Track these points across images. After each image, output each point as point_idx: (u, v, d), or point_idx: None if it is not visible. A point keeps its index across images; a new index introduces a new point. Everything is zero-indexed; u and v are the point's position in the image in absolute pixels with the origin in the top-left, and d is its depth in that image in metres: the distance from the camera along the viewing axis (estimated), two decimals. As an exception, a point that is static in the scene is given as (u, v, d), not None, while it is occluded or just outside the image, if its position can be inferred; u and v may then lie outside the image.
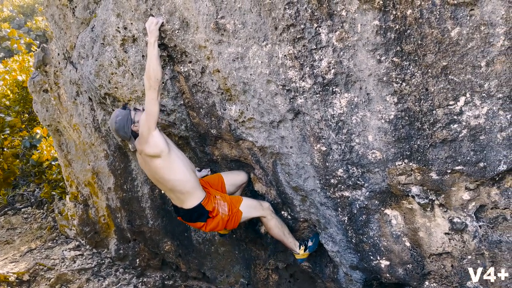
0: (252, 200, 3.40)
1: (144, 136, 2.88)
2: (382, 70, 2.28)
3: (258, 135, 3.03)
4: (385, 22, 2.18)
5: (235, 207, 3.25)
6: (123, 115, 2.94)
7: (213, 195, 3.25)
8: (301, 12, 2.33)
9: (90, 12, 3.75)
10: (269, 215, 3.35)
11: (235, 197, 3.35)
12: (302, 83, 2.52)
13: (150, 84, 2.73)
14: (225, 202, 3.24)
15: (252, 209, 3.32)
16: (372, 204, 2.80)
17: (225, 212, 3.21)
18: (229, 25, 2.59)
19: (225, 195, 3.34)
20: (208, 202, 3.18)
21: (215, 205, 3.19)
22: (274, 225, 3.36)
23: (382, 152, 2.51)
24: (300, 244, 3.47)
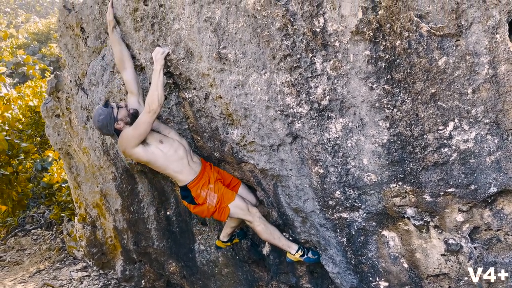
0: (243, 202, 3.38)
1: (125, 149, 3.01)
2: (374, 96, 2.40)
3: (259, 158, 3.15)
4: (375, 52, 2.31)
5: (224, 203, 3.27)
6: (105, 114, 2.97)
7: (206, 182, 3.26)
8: (297, 43, 2.48)
9: (101, 42, 3.95)
10: (256, 221, 3.35)
11: (228, 193, 3.34)
12: (299, 109, 2.64)
13: (152, 108, 2.86)
14: (216, 193, 3.27)
15: (239, 210, 3.33)
16: (369, 225, 2.88)
17: (213, 203, 3.24)
18: (230, 55, 2.75)
19: (221, 187, 3.34)
20: (196, 186, 3.21)
21: (203, 193, 3.22)
22: (261, 230, 3.36)
23: (377, 175, 2.60)
24: (299, 249, 3.44)
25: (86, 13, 3.98)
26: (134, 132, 2.95)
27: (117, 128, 3.03)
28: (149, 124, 2.92)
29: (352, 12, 2.31)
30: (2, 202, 5.69)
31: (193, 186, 3.22)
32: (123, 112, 3.01)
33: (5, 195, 5.46)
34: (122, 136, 3.02)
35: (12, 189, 5.54)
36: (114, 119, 2.99)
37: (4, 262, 6.06)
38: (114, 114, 2.99)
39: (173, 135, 3.24)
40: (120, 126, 3.03)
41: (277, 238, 3.44)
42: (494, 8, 2.02)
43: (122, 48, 3.15)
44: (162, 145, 3.10)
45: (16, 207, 5.73)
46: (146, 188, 4.33)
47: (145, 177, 4.28)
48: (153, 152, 3.06)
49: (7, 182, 5.49)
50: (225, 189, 3.36)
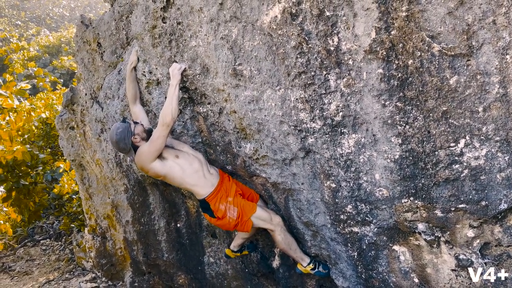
0: (264, 211, 3.41)
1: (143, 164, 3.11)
2: (387, 113, 2.46)
3: (271, 171, 3.21)
4: (388, 70, 2.38)
5: (246, 216, 3.30)
6: (123, 128, 3.09)
7: (225, 196, 3.30)
8: (312, 61, 2.56)
9: (117, 57, 4.07)
10: (278, 230, 3.38)
11: (249, 205, 3.36)
12: (312, 124, 2.71)
13: (166, 121, 2.95)
14: (236, 207, 3.29)
15: (262, 221, 3.37)
16: (380, 240, 2.92)
17: (233, 217, 3.26)
18: (246, 71, 2.83)
19: (241, 200, 3.36)
20: (214, 200, 3.25)
21: (221, 206, 3.25)
22: (281, 240, 3.39)
23: (388, 190, 2.65)
24: (311, 262, 3.47)
25: (103, 28, 4.10)
26: (150, 148, 3.04)
27: (134, 142, 3.13)
28: (164, 138, 3.00)
29: (366, 32, 2.39)
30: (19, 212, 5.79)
31: (212, 199, 3.27)
32: (140, 127, 3.14)
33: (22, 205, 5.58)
34: (139, 152, 3.12)
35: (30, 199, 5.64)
36: (131, 133, 3.10)
37: (14, 272, 6.11)
38: (132, 129, 3.11)
39: (187, 149, 3.33)
40: (137, 140, 3.13)
41: (293, 249, 3.48)
42: (504, 30, 2.10)
43: (136, 87, 3.47)
44: (178, 160, 3.18)
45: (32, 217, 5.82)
46: (157, 200, 4.39)
47: (156, 189, 4.34)
48: (170, 166, 3.15)
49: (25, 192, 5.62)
50: (245, 202, 3.38)
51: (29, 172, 5.66)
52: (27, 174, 5.60)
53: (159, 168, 3.13)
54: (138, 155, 3.13)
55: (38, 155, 5.86)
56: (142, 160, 3.11)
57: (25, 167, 5.53)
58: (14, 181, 5.38)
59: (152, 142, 3.03)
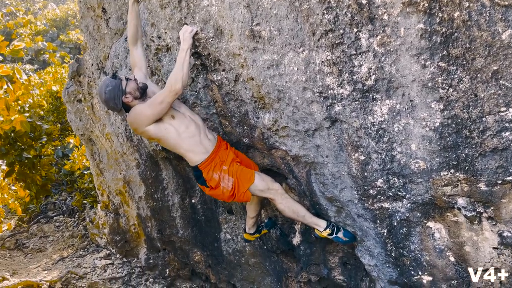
0: (262, 181, 3.10)
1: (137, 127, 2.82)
2: (427, 75, 2.17)
3: (292, 144, 2.96)
4: (430, 25, 2.07)
5: (243, 187, 3.03)
6: (113, 86, 2.74)
7: (219, 164, 3.01)
8: (340, 17, 2.25)
9: (123, 23, 3.79)
10: (279, 198, 3.11)
11: (247, 174, 3.07)
12: (340, 90, 2.43)
13: (175, 88, 2.66)
14: (231, 176, 3.00)
15: (258, 191, 3.10)
16: (413, 216, 2.67)
17: (228, 187, 3.00)
18: (264, 32, 2.54)
19: (238, 168, 3.06)
20: (208, 168, 2.98)
21: (215, 175, 2.98)
22: (283, 208, 3.14)
23: (426, 162, 2.38)
24: (328, 226, 3.18)
25: (108, -8, 3.81)
26: (149, 111, 2.75)
27: (125, 102, 2.81)
28: (168, 105, 2.74)
29: (404, -20, 2.07)
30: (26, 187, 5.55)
31: (205, 167, 2.99)
32: (132, 85, 2.79)
33: (28, 179, 5.32)
34: (134, 113, 2.81)
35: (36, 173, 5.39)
36: (123, 92, 2.76)
37: (28, 249, 6.06)
38: (123, 86, 2.77)
39: (184, 110, 3.01)
40: (129, 100, 2.80)
41: (301, 216, 3.20)
42: None
43: (138, 24, 2.97)
44: (173, 121, 2.87)
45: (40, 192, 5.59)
46: (171, 175, 4.19)
47: (169, 164, 4.14)
48: (165, 129, 2.85)
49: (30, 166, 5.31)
50: (241, 170, 3.08)
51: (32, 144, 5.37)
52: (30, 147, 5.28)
53: (154, 131, 2.84)
54: (133, 116, 2.82)
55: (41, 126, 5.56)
56: (137, 121, 2.81)
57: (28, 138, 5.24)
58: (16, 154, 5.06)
59: (154, 105, 2.73)
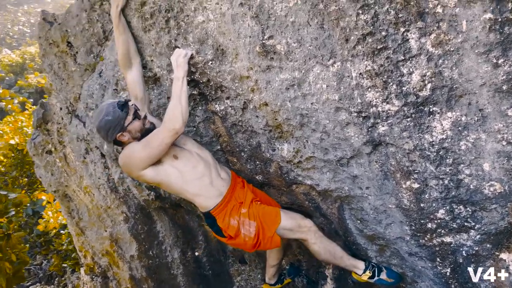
0: (290, 218, 2.57)
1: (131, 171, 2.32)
2: (501, 76, 1.72)
3: (319, 176, 2.44)
4: (500, 13, 1.64)
5: (269, 231, 2.47)
6: (114, 118, 2.23)
7: (237, 206, 2.48)
8: (381, 15, 1.79)
9: (94, 56, 3.24)
10: (312, 237, 2.57)
11: (271, 213, 2.54)
12: (386, 106, 1.95)
13: (175, 127, 2.14)
14: (252, 220, 2.47)
15: (288, 231, 2.55)
16: (483, 249, 2.19)
17: (250, 234, 2.44)
18: (280, 46, 2.06)
19: (259, 207, 2.54)
20: (223, 213, 2.45)
21: (233, 221, 2.44)
22: (318, 249, 2.59)
23: (503, 184, 1.91)
24: (368, 268, 2.64)
25: (72, 24, 3.26)
26: (144, 153, 2.23)
27: (119, 139, 2.29)
28: (167, 146, 2.20)
29: (460, -39, 1.64)
30: (-8, 281, 4.49)
31: (219, 213, 2.44)
32: (137, 125, 2.27)
33: (-5, 270, 4.29)
34: (127, 154, 2.29)
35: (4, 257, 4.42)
36: (121, 128, 2.24)
37: (2, 328, 5.19)
38: (125, 123, 2.24)
39: (190, 146, 2.47)
40: (124, 139, 2.28)
41: (339, 257, 2.65)
42: None
43: (129, 39, 2.43)
44: (176, 162, 2.34)
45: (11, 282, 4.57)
46: (167, 227, 3.59)
47: (164, 214, 3.54)
48: (166, 172, 2.32)
49: None
50: (264, 209, 2.54)
51: (-3, 221, 4.48)
52: (-6, 225, 4.40)
53: (151, 176, 2.31)
54: (125, 157, 2.30)
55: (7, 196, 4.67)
56: (130, 165, 2.28)
57: (-10, 214, 4.33)
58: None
59: (150, 147, 2.21)
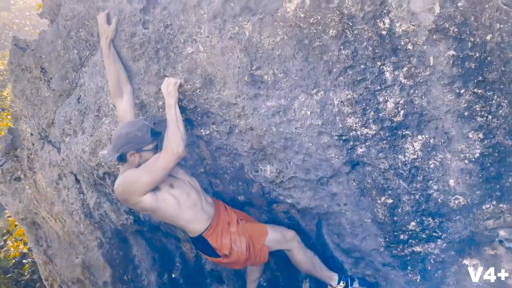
0: (276, 231, 2.77)
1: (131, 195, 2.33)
2: (463, 104, 2.00)
3: (300, 195, 2.62)
4: (461, 51, 1.93)
5: (258, 243, 2.64)
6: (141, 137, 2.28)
7: (226, 227, 2.61)
8: (360, 51, 2.03)
9: (69, 82, 3.26)
10: (297, 247, 2.75)
11: (257, 228, 2.73)
12: (364, 130, 2.18)
13: (178, 152, 2.26)
14: (242, 236, 2.63)
15: (276, 243, 2.72)
16: (448, 256, 2.44)
17: (242, 249, 2.59)
18: (267, 76, 2.24)
19: (245, 225, 2.70)
20: (215, 234, 2.56)
21: (225, 241, 2.57)
22: (301, 258, 2.77)
23: (466, 197, 2.19)
24: (341, 279, 2.84)
25: (47, 50, 3.28)
26: (147, 178, 2.28)
27: (127, 157, 2.32)
28: (170, 170, 2.31)
29: (426, 6, 1.92)
30: None
31: (210, 235, 2.55)
32: (148, 156, 2.34)
33: None
34: (129, 180, 2.32)
35: None
36: (138, 149, 2.30)
37: None
38: (144, 148, 2.32)
39: (182, 175, 2.60)
40: (132, 159, 2.32)
41: (318, 267, 2.83)
42: None
43: (119, 68, 2.51)
44: (173, 190, 2.44)
45: None
46: (144, 250, 3.60)
47: (141, 238, 3.55)
48: (164, 199, 2.40)
49: None
50: (251, 226, 2.72)
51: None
52: None
53: (151, 202, 2.35)
54: (125, 182, 2.32)
55: None
56: (131, 190, 2.31)
57: None
58: None
59: (153, 171, 2.28)
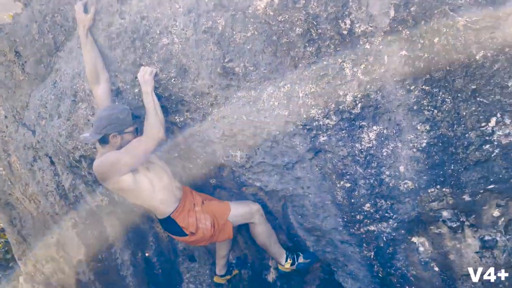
0: (241, 206, 2.96)
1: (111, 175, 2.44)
2: (412, 99, 2.24)
3: (268, 179, 2.83)
4: (413, 51, 2.15)
5: (221, 219, 2.85)
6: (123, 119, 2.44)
7: (192, 207, 2.81)
8: (323, 48, 2.23)
9: (44, 66, 3.32)
10: (258, 220, 2.96)
11: (220, 205, 2.91)
12: (326, 121, 2.40)
13: (159, 136, 2.42)
14: (207, 214, 2.81)
15: (241, 218, 2.93)
16: (399, 234, 2.72)
17: (207, 227, 2.79)
18: (238, 68, 2.41)
19: (209, 203, 2.89)
20: (182, 215, 2.75)
21: (191, 219, 2.76)
22: (261, 231, 2.99)
23: (414, 181, 2.45)
24: (288, 257, 3.13)
25: (21, 34, 3.32)
26: (129, 159, 2.42)
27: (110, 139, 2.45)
28: (150, 153, 2.48)
29: (383, 10, 2.13)
30: None
31: (178, 215, 2.75)
32: (129, 138, 2.49)
33: None
34: (110, 161, 2.43)
35: None
36: (120, 131, 2.45)
37: None
38: (126, 130, 2.47)
39: (155, 160, 2.78)
40: (114, 140, 2.46)
41: (274, 242, 3.09)
42: (534, -3, 1.98)
43: (97, 56, 2.61)
44: (149, 173, 2.62)
45: None
46: (118, 230, 3.74)
47: (115, 218, 3.69)
48: (141, 181, 2.57)
49: None
50: (214, 204, 2.91)
51: None
52: None
53: (129, 183, 2.50)
54: (107, 162, 2.43)
55: None
56: (112, 169, 2.43)
57: None
58: None
59: (135, 154, 2.42)
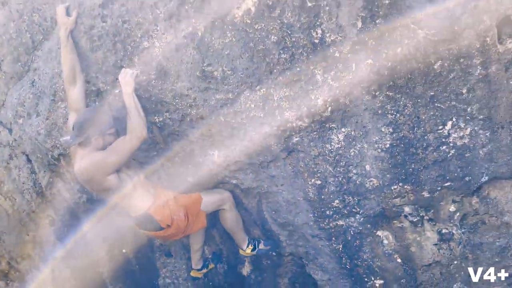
0: (212, 194, 3.08)
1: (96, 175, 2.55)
2: (377, 104, 2.44)
3: (244, 177, 2.98)
4: (378, 60, 2.34)
5: (194, 209, 2.97)
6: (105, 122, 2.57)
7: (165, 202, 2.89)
8: (296, 56, 2.39)
9: (22, 65, 3.35)
10: (228, 207, 3.11)
11: (191, 197, 2.99)
12: (299, 123, 2.56)
13: (142, 135, 2.50)
14: (180, 207, 2.90)
15: (213, 206, 3.07)
16: (365, 228, 2.93)
17: (181, 218, 2.90)
18: (216, 72, 2.54)
19: (181, 197, 2.97)
20: (157, 210, 2.82)
21: (167, 212, 2.85)
22: (230, 217, 3.15)
23: (378, 179, 2.65)
24: (249, 243, 3.33)
25: (-2, 32, 3.33)
26: (115, 159, 2.52)
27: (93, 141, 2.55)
28: (134, 152, 2.56)
29: (351, 21, 2.31)
30: None
31: (155, 209, 2.83)
32: (111, 140, 2.59)
33: None
34: (96, 161, 2.53)
35: None
36: (102, 133, 2.56)
37: None
38: (107, 132, 2.59)
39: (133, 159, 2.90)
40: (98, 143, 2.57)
41: (240, 228, 3.27)
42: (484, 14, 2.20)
43: (74, 59, 2.69)
44: (129, 171, 2.74)
45: None
46: (95, 227, 3.80)
47: (93, 216, 3.75)
48: (123, 180, 2.68)
49: None
50: (186, 196, 3.01)
51: None
52: None
53: (114, 181, 2.60)
54: (93, 163, 2.53)
55: None
56: (98, 170, 2.53)
57: None
58: None
59: (119, 154, 2.52)
